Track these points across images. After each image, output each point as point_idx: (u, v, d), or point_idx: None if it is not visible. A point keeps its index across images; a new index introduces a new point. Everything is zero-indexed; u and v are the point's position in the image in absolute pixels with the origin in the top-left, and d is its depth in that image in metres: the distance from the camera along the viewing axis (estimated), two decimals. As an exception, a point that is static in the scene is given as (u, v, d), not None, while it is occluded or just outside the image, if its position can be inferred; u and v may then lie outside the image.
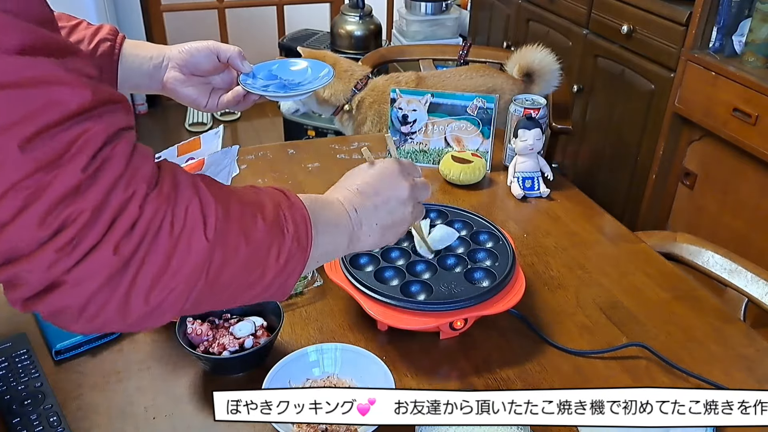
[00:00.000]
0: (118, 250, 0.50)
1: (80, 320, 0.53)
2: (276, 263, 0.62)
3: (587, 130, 2.51)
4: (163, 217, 0.53)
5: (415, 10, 3.44)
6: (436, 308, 0.95)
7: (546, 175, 1.41)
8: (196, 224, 0.55)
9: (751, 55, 1.82)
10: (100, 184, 0.50)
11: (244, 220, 0.59)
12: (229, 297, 0.62)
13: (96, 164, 0.49)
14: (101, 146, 0.50)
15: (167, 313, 0.56)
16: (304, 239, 0.65)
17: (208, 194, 0.57)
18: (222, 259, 0.57)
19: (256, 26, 3.83)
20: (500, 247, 1.07)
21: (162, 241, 0.53)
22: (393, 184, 0.79)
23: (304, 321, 1.03)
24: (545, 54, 1.88)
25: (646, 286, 1.14)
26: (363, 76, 1.94)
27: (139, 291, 0.53)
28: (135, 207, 0.51)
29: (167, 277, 0.53)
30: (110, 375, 0.93)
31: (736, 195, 1.93)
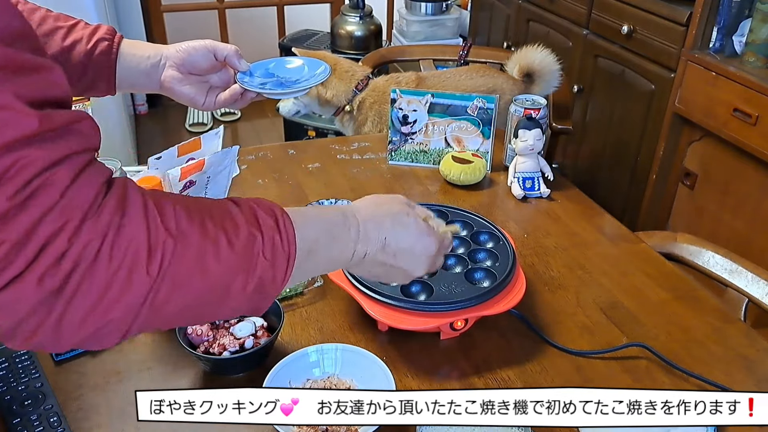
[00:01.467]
0: (43, 282, 0.48)
1: (15, 340, 0.51)
2: (241, 293, 0.59)
3: (587, 130, 2.51)
4: (100, 248, 0.50)
5: (416, 10, 3.44)
6: (437, 309, 0.95)
7: (546, 175, 1.41)
8: (137, 259, 0.51)
9: (751, 55, 1.82)
10: (29, 213, 0.47)
11: (203, 251, 0.55)
12: (184, 322, 0.60)
13: (27, 192, 0.47)
14: (38, 173, 0.48)
15: (107, 338, 0.54)
16: (281, 272, 0.61)
17: (159, 224, 0.53)
18: (168, 292, 0.53)
19: (257, 27, 3.83)
20: (500, 247, 1.07)
21: (98, 272, 0.50)
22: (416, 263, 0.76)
23: (305, 321, 1.03)
24: (545, 54, 1.88)
25: (646, 286, 1.14)
26: (364, 77, 1.94)
27: (72, 320, 0.50)
28: (64, 239, 0.48)
29: (102, 309, 0.51)
30: (111, 375, 0.93)
31: (736, 195, 1.93)
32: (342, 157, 1.55)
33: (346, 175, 1.46)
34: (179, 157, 1.08)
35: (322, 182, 1.43)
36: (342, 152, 1.56)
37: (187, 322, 0.61)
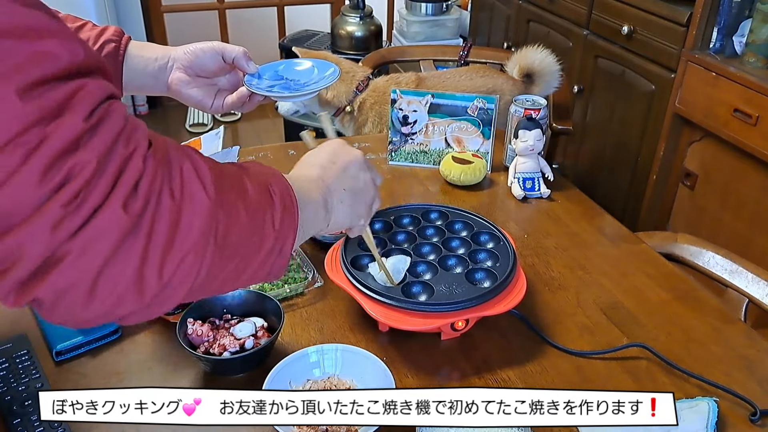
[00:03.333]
0: (128, 207, 0.47)
1: (92, 303, 0.47)
2: (272, 229, 0.62)
3: (588, 130, 2.51)
4: (162, 180, 0.50)
5: (416, 10, 3.44)
6: (437, 309, 0.95)
7: (546, 175, 1.41)
8: (194, 186, 0.53)
9: (751, 55, 1.82)
10: (103, 135, 0.47)
11: (235, 184, 0.59)
12: (234, 270, 0.59)
13: (96, 117, 0.47)
14: (99, 101, 0.48)
15: (180, 289, 0.53)
16: (290, 205, 0.66)
17: (197, 158, 0.56)
18: (226, 221, 0.55)
19: (257, 27, 3.83)
20: (501, 247, 1.07)
21: (165, 203, 0.50)
22: (345, 152, 0.83)
23: (305, 322, 1.03)
24: (545, 55, 1.88)
25: (646, 286, 1.14)
26: (364, 78, 1.94)
27: (152, 261, 0.49)
28: (139, 161, 0.49)
29: (178, 242, 0.50)
30: (111, 376, 0.93)
31: (736, 195, 1.93)
32: (342, 157, 1.55)
33: (347, 175, 1.46)
34: (179, 157, 1.08)
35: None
36: (342, 152, 1.56)
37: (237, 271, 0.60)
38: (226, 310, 0.99)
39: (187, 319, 0.94)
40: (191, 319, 0.94)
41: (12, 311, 1.04)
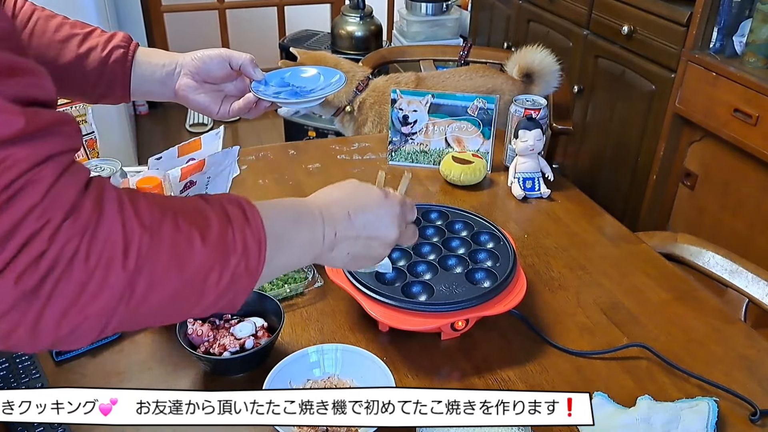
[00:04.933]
0: (20, 280, 0.48)
1: None
2: (216, 287, 0.59)
3: (588, 130, 2.51)
4: (78, 247, 0.50)
5: (416, 10, 3.44)
6: (438, 309, 0.95)
7: (546, 175, 1.41)
8: (114, 255, 0.51)
9: (751, 55, 1.82)
10: (11, 212, 0.47)
11: (177, 246, 0.56)
12: (161, 318, 0.60)
13: (11, 191, 0.47)
14: (22, 173, 0.48)
15: (84, 338, 0.54)
16: (254, 263, 0.61)
17: (134, 221, 0.53)
18: (145, 288, 0.54)
19: (257, 27, 3.83)
20: (501, 247, 1.07)
21: (75, 272, 0.50)
22: (386, 227, 0.76)
23: (305, 322, 1.03)
24: (545, 55, 1.88)
25: (646, 286, 1.14)
26: (364, 77, 1.94)
27: (48, 320, 0.50)
28: (45, 238, 0.49)
29: (79, 308, 0.51)
30: (111, 376, 0.93)
31: (736, 195, 1.93)
32: (342, 157, 1.55)
33: (347, 175, 1.45)
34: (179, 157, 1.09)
35: (323, 182, 1.41)
36: (342, 152, 1.56)
37: (162, 320, 0.61)
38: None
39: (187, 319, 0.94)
40: (191, 319, 0.94)
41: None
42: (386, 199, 0.77)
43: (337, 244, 0.72)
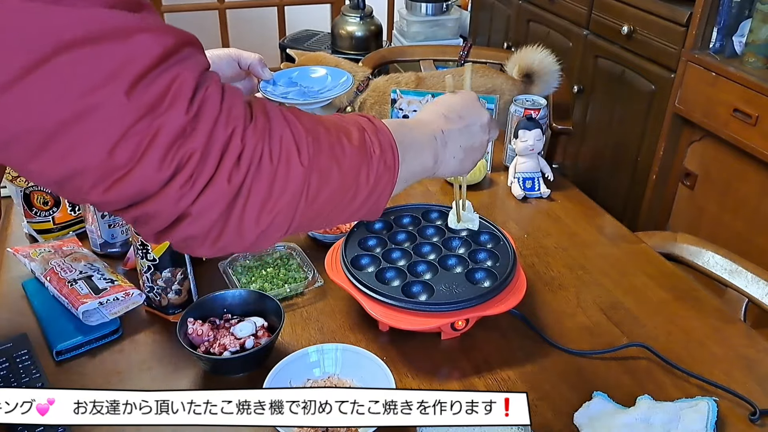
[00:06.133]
0: (231, 180, 0.55)
1: (205, 245, 0.58)
2: (366, 184, 0.66)
3: (587, 130, 2.51)
4: (263, 149, 0.57)
5: (416, 10, 3.44)
6: (438, 309, 0.95)
7: (546, 175, 1.41)
8: (291, 153, 0.59)
9: (751, 55, 1.82)
10: (203, 124, 0.53)
11: (333, 145, 0.63)
12: (328, 216, 0.66)
13: (195, 107, 0.53)
14: (195, 89, 0.53)
15: (277, 233, 0.61)
16: (391, 160, 0.69)
17: (298, 125, 0.61)
18: (318, 182, 0.61)
19: (257, 27, 3.83)
20: (501, 247, 1.07)
21: (264, 169, 0.57)
22: (475, 110, 0.85)
23: (305, 321, 1.03)
24: (545, 55, 1.88)
25: (646, 286, 1.14)
26: (364, 78, 1.94)
27: (251, 215, 0.57)
28: (237, 141, 0.55)
29: (272, 202, 0.58)
30: (111, 375, 0.93)
31: (736, 195, 1.93)
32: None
33: (347, 175, 1.46)
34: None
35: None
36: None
37: (330, 219, 0.67)
38: (227, 309, 0.99)
39: (188, 318, 0.94)
40: (191, 318, 0.95)
41: (12, 311, 1.04)
42: (458, 94, 0.87)
43: (447, 140, 0.79)
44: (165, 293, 1.00)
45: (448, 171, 0.82)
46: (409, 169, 0.73)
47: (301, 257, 1.14)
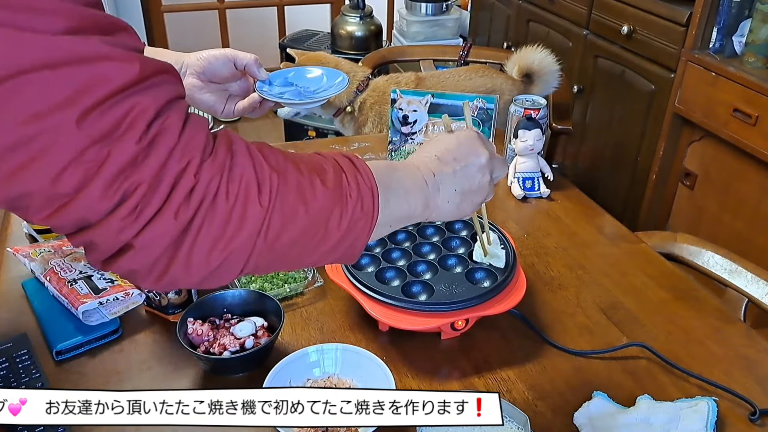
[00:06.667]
0: (178, 215, 0.53)
1: (150, 279, 0.57)
2: (338, 229, 0.63)
3: (587, 130, 2.51)
4: (219, 185, 0.55)
5: (416, 10, 3.44)
6: (438, 309, 0.95)
7: (546, 175, 1.41)
8: (250, 191, 0.56)
9: (751, 55, 1.82)
10: (156, 155, 0.52)
11: (301, 186, 0.61)
12: (294, 258, 0.63)
13: (150, 136, 0.51)
14: (153, 119, 0.52)
15: (230, 272, 0.59)
16: (369, 205, 0.65)
17: (263, 162, 0.59)
18: (279, 224, 0.59)
19: (257, 27, 3.83)
20: (501, 247, 1.07)
21: (218, 207, 0.55)
22: (472, 150, 0.78)
23: (305, 321, 1.03)
24: (545, 55, 1.88)
25: (646, 286, 1.14)
26: (364, 78, 1.94)
27: (200, 252, 0.55)
28: (191, 175, 0.53)
29: (224, 241, 0.56)
30: (111, 375, 0.93)
31: (736, 195, 1.93)
32: (342, 157, 1.55)
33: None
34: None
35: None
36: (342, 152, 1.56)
37: (292, 262, 0.65)
38: (227, 309, 0.99)
39: (188, 318, 0.94)
40: (191, 318, 0.95)
41: (12, 311, 1.04)
42: (455, 133, 0.82)
43: (440, 184, 0.74)
44: (165, 293, 1.00)
45: (442, 216, 0.77)
46: (393, 214, 0.70)
47: (301, 257, 1.14)
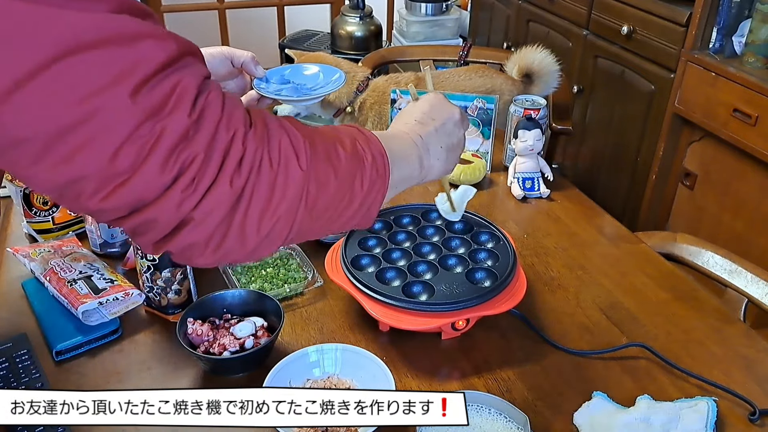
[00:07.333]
0: (233, 183, 0.55)
1: (207, 252, 0.58)
2: (361, 191, 0.67)
3: (587, 130, 2.51)
4: (262, 154, 0.57)
5: (416, 10, 3.44)
6: (438, 309, 0.95)
7: (546, 175, 1.41)
8: (290, 158, 0.59)
9: (751, 55, 1.82)
10: (205, 127, 0.54)
11: (329, 152, 0.64)
12: (325, 224, 0.66)
13: (198, 110, 0.53)
14: (197, 94, 0.54)
15: (278, 239, 0.61)
16: (382, 168, 0.70)
17: (295, 131, 0.62)
18: (316, 188, 0.62)
19: (257, 27, 3.83)
20: (501, 247, 1.07)
21: (264, 174, 0.57)
22: (445, 109, 0.85)
23: (305, 321, 1.03)
24: (545, 55, 1.88)
25: (646, 286, 1.14)
26: (364, 78, 1.94)
27: (252, 220, 0.57)
28: (239, 145, 0.56)
29: (273, 207, 0.58)
30: (111, 375, 0.93)
31: (736, 195, 1.93)
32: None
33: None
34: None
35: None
36: (342, 152, 1.56)
37: (327, 226, 0.67)
38: (226, 309, 0.99)
39: (187, 318, 0.94)
40: (191, 318, 0.95)
41: (12, 311, 1.04)
42: (423, 98, 0.88)
43: (428, 145, 0.80)
44: (165, 293, 1.00)
45: (434, 174, 0.82)
46: (400, 175, 0.74)
47: (301, 257, 1.14)
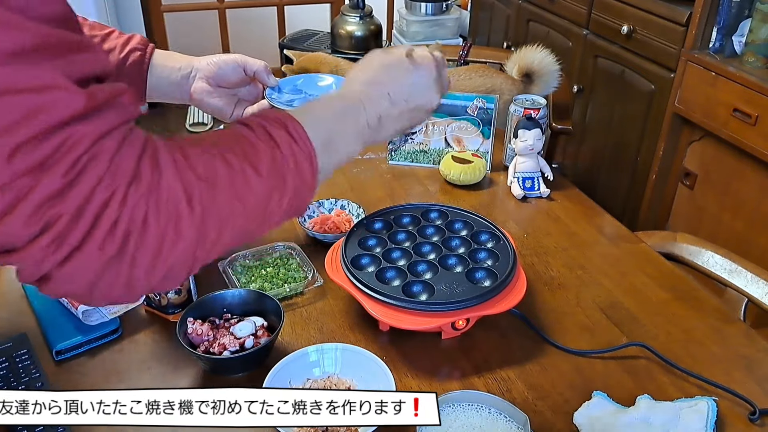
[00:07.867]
0: (104, 247, 0.52)
1: (93, 298, 0.56)
2: (279, 207, 0.64)
3: (587, 130, 2.51)
4: (147, 209, 0.54)
5: (416, 10, 3.44)
6: (438, 308, 0.95)
7: (546, 175, 1.41)
8: (180, 207, 0.56)
9: (751, 55, 1.83)
10: (81, 186, 0.51)
11: (234, 183, 0.60)
12: (239, 243, 0.64)
13: (78, 167, 0.51)
14: (87, 148, 0.51)
15: (175, 280, 0.59)
16: (309, 175, 0.66)
17: (188, 172, 0.57)
18: (217, 228, 0.58)
19: (257, 27, 3.83)
20: (501, 247, 1.07)
21: (150, 231, 0.54)
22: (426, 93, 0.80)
23: (305, 321, 1.03)
24: (545, 55, 1.88)
25: (646, 286, 1.14)
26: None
27: (138, 275, 0.55)
28: (115, 206, 0.52)
29: (162, 260, 0.55)
30: (111, 375, 0.93)
31: (736, 195, 1.93)
32: (342, 157, 1.55)
33: (347, 174, 1.46)
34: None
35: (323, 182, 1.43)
36: (342, 152, 1.56)
37: (240, 241, 0.65)
38: (226, 309, 0.99)
39: (187, 318, 0.94)
40: (191, 318, 0.95)
41: (12, 311, 1.04)
42: (419, 65, 0.81)
43: (382, 125, 0.76)
44: (164, 293, 1.00)
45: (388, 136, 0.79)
46: (332, 164, 0.71)
47: (301, 257, 1.14)
